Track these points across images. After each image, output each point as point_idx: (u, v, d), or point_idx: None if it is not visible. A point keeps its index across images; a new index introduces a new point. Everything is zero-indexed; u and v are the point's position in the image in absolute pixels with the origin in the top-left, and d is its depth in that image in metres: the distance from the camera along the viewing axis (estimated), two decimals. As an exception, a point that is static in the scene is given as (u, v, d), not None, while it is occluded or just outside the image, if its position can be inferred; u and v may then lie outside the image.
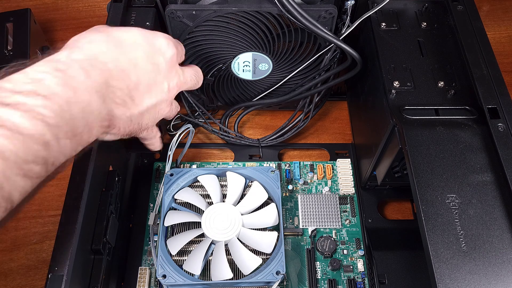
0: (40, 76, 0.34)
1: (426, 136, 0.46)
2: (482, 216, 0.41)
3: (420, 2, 0.60)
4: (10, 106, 0.31)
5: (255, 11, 0.54)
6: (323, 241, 0.59)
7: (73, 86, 0.35)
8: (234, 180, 0.58)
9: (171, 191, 0.57)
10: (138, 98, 0.43)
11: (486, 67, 0.51)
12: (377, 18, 0.58)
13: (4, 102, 0.31)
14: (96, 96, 0.37)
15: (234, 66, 0.62)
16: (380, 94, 0.53)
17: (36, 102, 0.32)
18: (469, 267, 0.39)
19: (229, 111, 0.70)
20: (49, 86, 0.33)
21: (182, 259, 0.54)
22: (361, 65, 0.58)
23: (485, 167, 0.44)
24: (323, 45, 0.59)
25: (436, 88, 0.52)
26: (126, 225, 0.61)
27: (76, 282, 0.43)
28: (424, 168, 0.44)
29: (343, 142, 0.71)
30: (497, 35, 0.85)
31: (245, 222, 0.55)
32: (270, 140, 0.69)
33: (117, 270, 0.56)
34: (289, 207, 0.63)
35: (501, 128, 0.46)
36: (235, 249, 0.53)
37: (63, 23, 0.85)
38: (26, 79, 0.33)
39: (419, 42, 0.56)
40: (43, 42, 0.74)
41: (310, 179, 0.66)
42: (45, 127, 0.32)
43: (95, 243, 0.49)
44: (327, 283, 0.57)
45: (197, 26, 0.55)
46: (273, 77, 0.64)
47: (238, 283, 0.52)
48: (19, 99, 0.31)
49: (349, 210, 0.63)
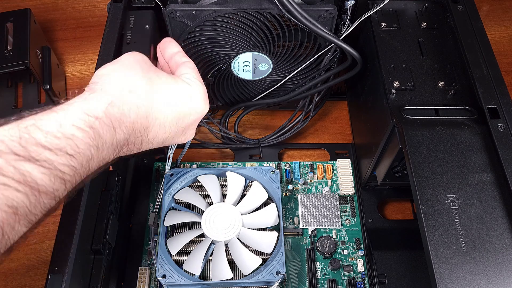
0: (72, 131, 0.33)
1: (426, 136, 0.46)
2: (482, 216, 0.41)
3: (420, 2, 0.60)
4: (37, 162, 0.31)
5: (255, 11, 0.54)
6: (323, 241, 0.59)
7: (98, 147, 0.35)
8: (234, 180, 0.58)
9: (171, 191, 0.57)
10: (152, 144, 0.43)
11: (486, 67, 0.51)
12: (377, 18, 0.58)
13: (32, 157, 0.31)
14: (113, 150, 0.38)
15: (234, 66, 0.62)
16: (380, 94, 0.53)
17: (61, 161, 0.32)
18: (469, 267, 0.39)
19: (229, 111, 0.70)
20: (77, 145, 0.33)
21: (182, 259, 0.54)
22: (361, 64, 0.58)
23: (485, 167, 0.44)
24: (323, 45, 0.59)
25: (436, 88, 0.52)
26: (126, 225, 0.61)
27: (76, 282, 0.43)
28: (424, 168, 0.44)
29: (343, 142, 0.71)
30: (497, 35, 0.85)
31: (245, 222, 0.55)
32: (270, 140, 0.69)
33: (117, 270, 0.56)
34: (289, 207, 0.63)
35: (501, 128, 0.46)
36: (235, 249, 0.53)
37: (63, 23, 0.85)
38: (58, 132, 0.33)
39: (419, 42, 0.56)
40: (43, 42, 0.74)
41: (310, 179, 0.66)
42: (62, 184, 0.32)
43: (95, 243, 0.49)
44: (327, 283, 0.57)
45: (197, 26, 0.55)
46: (273, 77, 0.64)
47: (238, 283, 0.52)
48: (47, 156, 0.31)
49: (349, 210, 0.63)
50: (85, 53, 0.82)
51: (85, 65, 0.80)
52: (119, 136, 0.37)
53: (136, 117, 0.39)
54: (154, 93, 0.41)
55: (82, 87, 0.85)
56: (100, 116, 0.36)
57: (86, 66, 0.80)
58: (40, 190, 0.31)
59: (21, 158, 0.30)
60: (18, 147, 0.30)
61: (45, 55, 0.72)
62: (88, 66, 0.80)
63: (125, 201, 0.60)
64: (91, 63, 0.80)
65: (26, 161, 0.30)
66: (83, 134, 0.34)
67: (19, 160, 0.30)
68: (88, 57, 0.81)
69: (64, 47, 0.82)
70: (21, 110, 0.72)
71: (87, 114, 0.35)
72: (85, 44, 0.83)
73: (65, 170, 0.32)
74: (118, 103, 0.38)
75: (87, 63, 0.81)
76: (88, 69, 0.80)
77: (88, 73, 0.79)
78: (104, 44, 0.55)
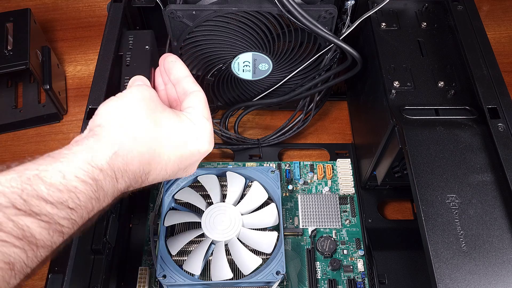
0: (75, 184, 0.33)
1: (426, 136, 0.46)
2: (482, 216, 0.41)
3: (420, 2, 0.60)
4: (37, 216, 0.30)
5: (255, 11, 0.54)
6: (323, 241, 0.59)
7: (99, 199, 0.34)
8: (234, 180, 0.58)
9: (171, 191, 0.57)
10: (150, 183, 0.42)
11: (486, 67, 0.51)
12: (377, 18, 0.58)
13: (32, 211, 0.30)
14: (112, 198, 0.37)
15: (234, 66, 0.62)
16: (380, 94, 0.53)
17: (61, 214, 0.31)
18: (469, 267, 0.39)
19: (229, 111, 0.70)
20: (79, 198, 0.33)
21: (182, 259, 0.54)
22: (361, 64, 0.58)
23: (485, 167, 0.44)
24: (323, 45, 0.59)
25: (436, 88, 0.52)
26: (126, 225, 0.61)
27: (76, 282, 0.43)
28: (424, 168, 0.44)
29: (343, 142, 0.71)
30: (497, 35, 0.85)
31: (245, 222, 0.55)
32: (270, 140, 0.69)
33: (117, 270, 0.56)
34: (289, 207, 0.63)
35: (501, 128, 0.46)
36: (235, 249, 0.53)
37: (63, 23, 0.85)
38: (60, 185, 0.32)
39: (419, 42, 0.56)
40: (43, 42, 0.74)
41: (310, 179, 0.66)
42: (60, 237, 0.32)
43: (95, 243, 0.49)
44: (327, 283, 0.57)
45: (197, 26, 0.55)
46: (273, 77, 0.64)
47: (238, 283, 0.52)
48: (48, 210, 0.31)
49: (349, 210, 0.63)
50: (85, 53, 0.82)
51: (85, 65, 0.80)
52: (121, 185, 0.37)
53: (139, 165, 0.38)
54: (158, 136, 0.39)
55: (82, 87, 0.86)
56: (104, 168, 0.35)
57: (86, 66, 0.80)
58: (38, 244, 0.30)
59: (22, 212, 0.29)
60: (19, 201, 0.29)
61: (45, 55, 0.72)
62: (88, 66, 0.80)
63: (125, 201, 0.60)
64: (91, 63, 0.80)
65: (26, 215, 0.29)
66: (86, 187, 0.33)
67: (19, 214, 0.29)
68: (88, 57, 0.81)
69: (64, 47, 0.82)
70: (21, 110, 0.73)
71: (91, 165, 0.34)
72: (85, 44, 0.83)
73: (64, 223, 0.32)
74: (123, 152, 0.36)
75: (87, 63, 0.81)
76: (88, 69, 0.80)
77: (88, 73, 0.79)
78: (104, 44, 0.55)
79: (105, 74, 0.52)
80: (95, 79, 0.52)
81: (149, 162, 0.39)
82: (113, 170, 0.35)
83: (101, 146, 0.36)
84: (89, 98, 0.51)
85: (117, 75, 0.54)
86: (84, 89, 0.77)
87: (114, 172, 0.35)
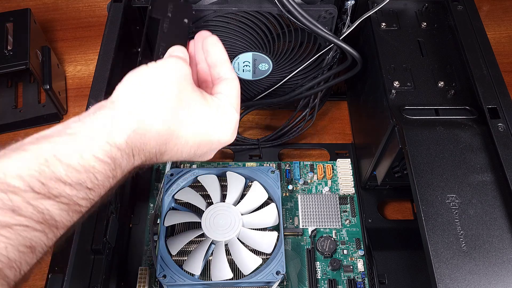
0: (93, 163, 0.32)
1: (426, 136, 0.46)
2: (482, 216, 0.41)
3: (420, 2, 0.60)
4: (56, 199, 0.30)
5: (255, 11, 0.54)
6: (323, 241, 0.59)
7: (116, 177, 0.34)
8: (234, 180, 0.58)
9: (171, 191, 0.57)
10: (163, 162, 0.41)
11: (486, 67, 0.51)
12: (377, 18, 0.58)
13: (52, 194, 0.30)
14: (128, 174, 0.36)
15: (234, 66, 0.62)
16: (380, 94, 0.53)
17: (80, 195, 0.31)
18: (469, 267, 0.39)
19: (229, 111, 0.70)
20: (96, 178, 0.32)
21: (182, 259, 0.54)
22: (361, 64, 0.58)
23: (485, 167, 0.44)
24: (323, 45, 0.59)
25: (436, 88, 0.52)
26: (126, 225, 0.61)
27: (76, 282, 0.43)
28: (424, 168, 0.44)
29: (343, 142, 0.71)
30: (497, 35, 0.85)
31: (245, 222, 0.55)
32: (270, 140, 0.69)
33: (117, 270, 0.56)
34: (289, 207, 0.63)
35: (501, 128, 0.46)
36: (235, 249, 0.53)
37: (63, 23, 0.85)
38: (78, 165, 0.31)
39: (419, 42, 0.56)
40: (43, 42, 0.74)
41: (310, 179, 0.66)
42: (78, 216, 0.32)
43: (95, 243, 0.49)
44: (327, 283, 0.57)
45: (197, 26, 0.55)
46: (273, 77, 0.64)
47: (238, 283, 0.52)
48: (67, 192, 0.30)
49: (349, 210, 0.63)
50: (85, 53, 0.82)
51: (85, 65, 0.80)
52: (137, 162, 0.36)
53: (155, 144, 0.37)
54: (181, 119, 0.37)
55: (82, 87, 0.85)
56: (122, 146, 0.34)
57: (86, 66, 0.80)
58: (58, 226, 0.30)
59: (41, 196, 0.29)
60: (37, 184, 0.29)
61: (45, 55, 0.72)
62: (88, 66, 0.80)
63: (125, 201, 0.60)
64: (91, 63, 0.80)
65: (45, 198, 0.29)
66: (104, 166, 0.33)
67: (38, 198, 0.29)
68: (88, 57, 0.81)
69: (64, 47, 0.82)
70: (21, 110, 0.73)
71: (109, 143, 0.33)
72: (85, 44, 0.83)
73: (83, 203, 0.32)
74: (141, 130, 0.35)
75: (87, 63, 0.81)
76: (88, 69, 0.80)
77: (88, 73, 0.79)
78: (104, 44, 0.55)
79: (105, 74, 0.52)
80: (95, 79, 0.52)
81: (165, 142, 0.37)
82: (131, 148, 0.34)
83: (120, 122, 0.34)
84: (89, 98, 0.51)
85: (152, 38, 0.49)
86: (84, 89, 0.77)
87: (131, 149, 0.35)
